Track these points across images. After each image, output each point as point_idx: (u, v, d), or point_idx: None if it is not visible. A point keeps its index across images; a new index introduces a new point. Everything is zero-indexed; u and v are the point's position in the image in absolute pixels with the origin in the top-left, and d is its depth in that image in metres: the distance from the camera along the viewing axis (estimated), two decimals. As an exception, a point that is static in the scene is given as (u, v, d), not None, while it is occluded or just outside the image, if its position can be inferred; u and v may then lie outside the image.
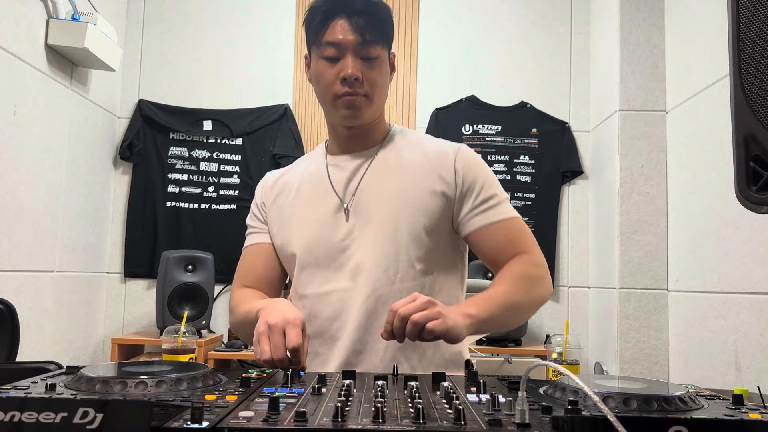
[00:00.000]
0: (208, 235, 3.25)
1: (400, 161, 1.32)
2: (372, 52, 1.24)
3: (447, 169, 1.30)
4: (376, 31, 1.24)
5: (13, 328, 1.69)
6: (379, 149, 1.35)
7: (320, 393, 0.82)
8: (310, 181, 1.36)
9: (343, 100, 1.25)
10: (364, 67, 1.24)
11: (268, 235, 1.38)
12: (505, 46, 3.38)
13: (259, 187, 1.44)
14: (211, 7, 3.40)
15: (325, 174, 1.34)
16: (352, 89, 1.24)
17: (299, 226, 1.31)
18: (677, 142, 2.71)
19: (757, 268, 2.05)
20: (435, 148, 1.34)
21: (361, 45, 1.23)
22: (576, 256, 3.28)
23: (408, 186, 1.29)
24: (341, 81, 1.23)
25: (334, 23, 1.23)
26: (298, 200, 1.34)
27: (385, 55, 1.28)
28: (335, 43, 1.23)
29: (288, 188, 1.38)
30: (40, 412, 0.61)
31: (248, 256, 1.40)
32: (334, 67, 1.24)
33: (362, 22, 1.22)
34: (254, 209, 1.42)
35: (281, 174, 1.43)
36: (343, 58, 1.23)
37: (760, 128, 0.74)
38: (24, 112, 2.46)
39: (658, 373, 2.70)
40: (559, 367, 0.69)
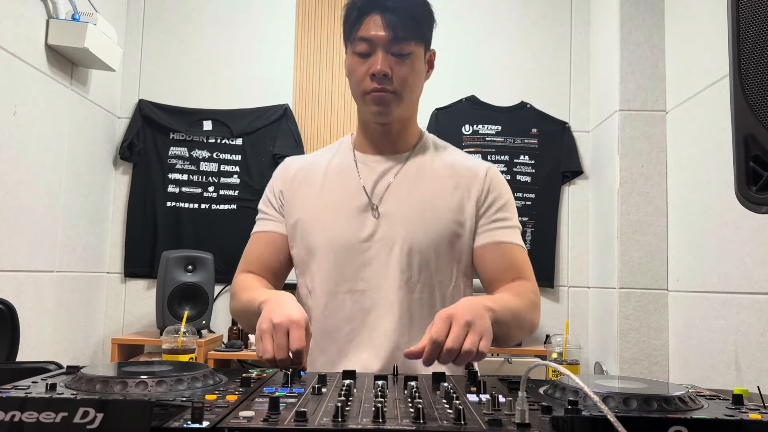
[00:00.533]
0: (208, 235, 3.25)
1: (432, 170, 1.32)
2: (404, 48, 1.23)
3: (477, 184, 1.31)
4: (409, 28, 1.23)
5: (13, 328, 1.69)
6: (410, 155, 1.34)
7: (320, 393, 0.82)
8: (336, 174, 1.34)
9: (372, 96, 1.25)
10: (394, 63, 1.23)
11: (280, 225, 1.36)
12: (505, 46, 3.38)
13: (278, 173, 1.40)
14: (211, 7, 3.40)
15: (354, 170, 1.33)
16: (380, 85, 1.23)
17: (324, 220, 1.29)
18: (677, 142, 2.71)
19: (757, 268, 2.05)
20: (467, 162, 1.35)
21: (392, 41, 1.22)
22: (576, 256, 3.28)
23: (436, 198, 1.29)
24: (370, 77, 1.23)
25: (368, 19, 1.23)
26: (324, 193, 1.32)
27: (419, 51, 1.27)
28: (367, 38, 1.23)
29: (312, 178, 1.35)
30: (40, 412, 0.61)
31: (257, 243, 1.37)
32: (364, 63, 1.24)
33: (395, 18, 1.22)
34: (269, 195, 1.39)
35: (304, 163, 1.40)
36: (373, 53, 1.23)
37: (760, 128, 0.75)
38: (24, 112, 2.46)
39: (658, 373, 2.70)
40: (559, 367, 0.69)
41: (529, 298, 1.23)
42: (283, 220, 1.36)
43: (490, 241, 1.28)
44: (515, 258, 1.28)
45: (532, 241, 3.27)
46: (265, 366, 1.02)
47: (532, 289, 1.26)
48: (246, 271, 1.36)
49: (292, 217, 1.34)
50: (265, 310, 1.08)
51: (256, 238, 1.38)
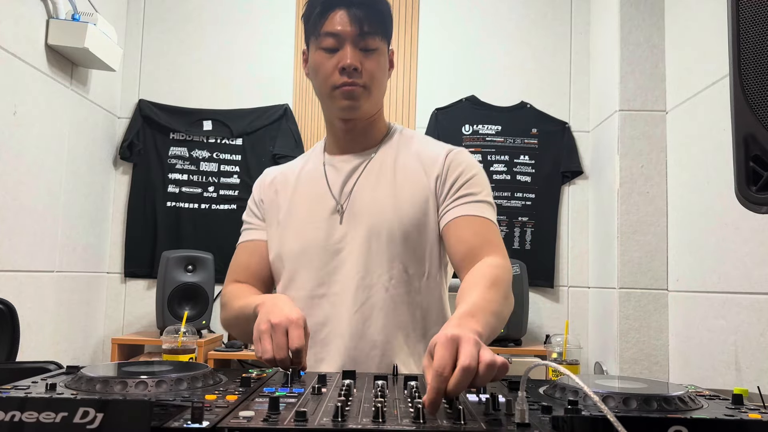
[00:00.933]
0: (208, 235, 3.25)
1: (395, 164, 1.31)
2: (371, 43, 1.24)
3: (437, 168, 1.28)
4: (375, 23, 1.24)
5: (13, 328, 1.69)
6: (377, 150, 1.34)
7: (320, 393, 0.82)
8: (307, 180, 1.35)
9: (342, 90, 1.24)
10: (362, 57, 1.23)
11: (263, 232, 1.37)
12: (505, 46, 3.38)
13: (257, 184, 1.43)
14: (211, 7, 3.40)
15: (322, 174, 1.34)
16: (350, 79, 1.23)
17: (294, 227, 1.31)
18: (677, 142, 2.71)
19: (757, 268, 2.05)
20: (430, 150, 1.32)
21: (360, 36, 1.22)
22: (576, 256, 3.28)
23: (400, 190, 1.27)
24: (340, 71, 1.23)
25: (333, 14, 1.23)
26: (294, 199, 1.34)
27: (384, 47, 1.27)
28: (334, 33, 1.23)
29: (286, 186, 1.37)
30: (40, 412, 0.61)
31: (242, 252, 1.38)
32: (332, 58, 1.24)
33: (361, 13, 1.22)
34: (251, 205, 1.41)
35: (279, 171, 1.42)
36: (341, 48, 1.23)
37: (760, 128, 0.75)
38: (24, 112, 2.46)
39: (658, 373, 2.70)
40: (559, 367, 0.69)
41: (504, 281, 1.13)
42: (264, 228, 1.38)
43: (453, 217, 1.23)
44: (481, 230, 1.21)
45: (532, 241, 3.27)
46: (265, 366, 1.02)
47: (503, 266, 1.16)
48: (234, 281, 1.36)
49: (270, 227, 1.36)
50: (262, 311, 1.08)
51: (241, 249, 1.39)
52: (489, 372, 0.75)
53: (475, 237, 1.20)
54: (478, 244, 1.19)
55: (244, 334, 1.23)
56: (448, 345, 0.78)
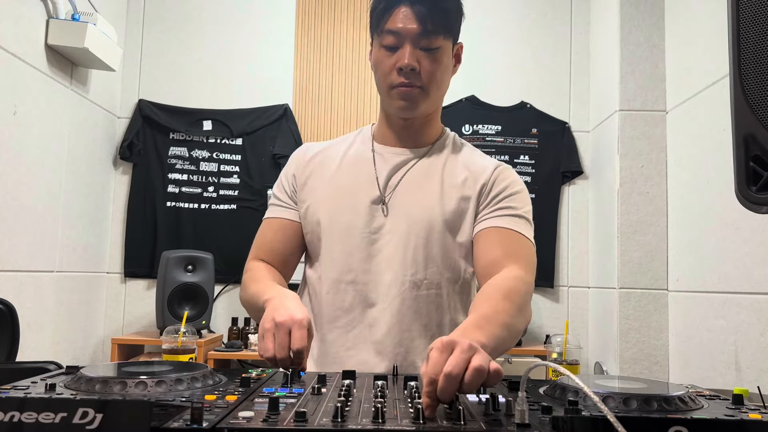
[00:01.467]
0: (208, 235, 3.25)
1: (445, 168, 1.30)
2: (433, 42, 1.21)
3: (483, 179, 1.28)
4: (439, 21, 1.20)
5: (13, 328, 1.69)
6: (429, 151, 1.32)
7: (320, 393, 0.82)
8: (352, 162, 1.33)
9: (398, 90, 1.23)
10: (422, 57, 1.21)
11: (291, 212, 1.35)
12: (505, 46, 3.38)
13: (295, 157, 1.39)
14: (211, 7, 3.40)
15: (371, 160, 1.32)
16: (408, 80, 1.21)
17: (334, 208, 1.29)
18: (677, 142, 2.71)
19: (757, 268, 2.05)
20: (479, 161, 1.33)
21: (421, 35, 1.20)
22: (576, 256, 3.28)
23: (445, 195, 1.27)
24: (398, 71, 1.21)
25: (396, 11, 1.20)
26: (337, 179, 1.31)
27: (447, 46, 1.24)
28: (395, 31, 1.20)
29: (327, 164, 1.34)
30: (39, 412, 0.61)
31: (269, 229, 1.35)
32: (392, 57, 1.22)
33: (424, 11, 1.19)
34: (284, 180, 1.38)
35: (321, 149, 1.38)
36: (401, 47, 1.21)
37: (760, 128, 0.74)
38: (24, 112, 2.46)
39: (658, 373, 2.70)
40: (559, 367, 0.69)
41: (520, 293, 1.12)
42: (295, 207, 1.35)
43: (486, 226, 1.23)
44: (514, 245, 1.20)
45: (532, 241, 3.27)
46: (266, 365, 1.02)
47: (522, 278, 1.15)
48: (257, 258, 1.34)
49: (304, 203, 1.33)
50: (269, 308, 1.07)
51: (267, 224, 1.37)
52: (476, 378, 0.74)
53: (501, 248, 1.19)
54: (502, 254, 1.18)
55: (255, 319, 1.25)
56: (443, 350, 0.78)
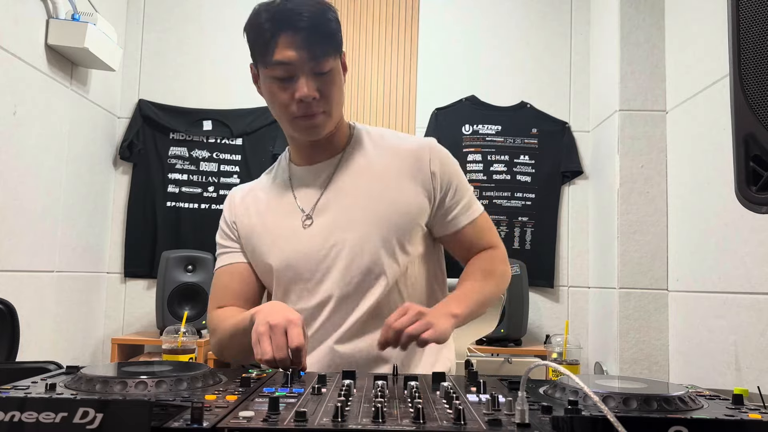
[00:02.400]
0: (208, 235, 3.23)
1: (369, 163, 1.29)
2: (324, 66, 1.17)
3: (423, 171, 1.27)
4: (326, 44, 1.17)
5: (13, 328, 1.69)
6: (343, 154, 1.31)
7: (320, 393, 0.82)
8: (275, 195, 1.33)
9: (302, 121, 1.21)
10: (319, 83, 1.18)
11: (240, 254, 1.34)
12: (505, 46, 3.38)
13: (227, 205, 1.39)
14: (211, 7, 3.40)
15: (289, 187, 1.32)
16: (310, 110, 1.19)
17: (272, 244, 1.28)
18: (677, 142, 2.71)
19: (757, 268, 2.05)
20: (405, 145, 1.31)
21: (312, 61, 1.15)
22: (576, 256, 3.28)
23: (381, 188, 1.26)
24: (297, 102, 1.18)
25: (281, 41, 1.15)
26: (266, 217, 1.31)
27: (337, 64, 1.21)
28: (285, 62, 1.15)
29: (256, 204, 1.34)
30: (40, 412, 0.61)
31: (222, 277, 1.34)
32: (287, 89, 1.18)
33: (309, 36, 1.14)
34: (224, 227, 1.37)
35: (248, 190, 1.38)
36: (295, 78, 1.16)
37: (760, 128, 0.75)
38: (24, 112, 2.46)
39: (658, 373, 2.70)
40: (559, 367, 0.69)
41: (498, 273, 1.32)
42: (241, 250, 1.35)
43: (454, 230, 1.32)
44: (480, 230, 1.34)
45: (532, 241, 3.27)
46: (266, 368, 1.02)
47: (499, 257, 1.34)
48: (218, 307, 1.32)
49: (247, 246, 1.33)
50: (260, 316, 1.07)
51: (220, 274, 1.35)
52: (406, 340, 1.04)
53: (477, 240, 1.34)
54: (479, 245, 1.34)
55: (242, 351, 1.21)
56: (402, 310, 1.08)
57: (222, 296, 1.33)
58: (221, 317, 1.28)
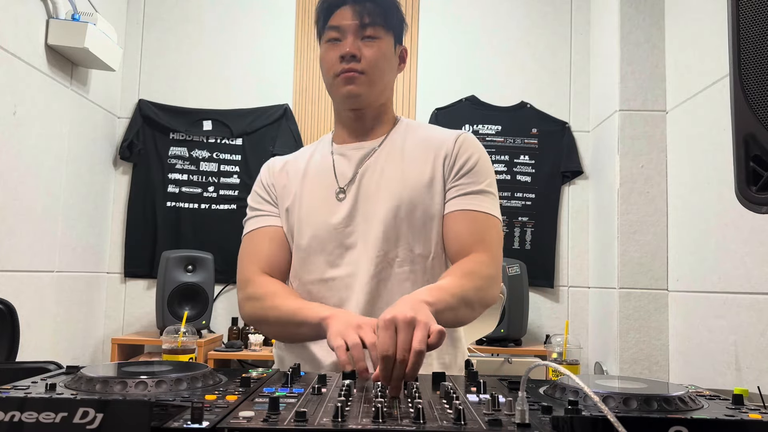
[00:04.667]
0: (208, 235, 3.25)
1: (404, 149, 1.34)
2: (371, 32, 1.29)
3: (444, 150, 1.31)
4: (376, 14, 1.30)
5: (13, 328, 1.69)
6: (385, 139, 1.36)
7: (320, 393, 0.82)
8: (314, 168, 1.37)
9: (342, 77, 1.29)
10: (363, 46, 1.29)
11: (277, 218, 1.37)
12: (505, 46, 3.38)
13: (266, 170, 1.42)
14: (211, 7, 3.40)
15: (330, 162, 1.36)
16: (349, 65, 1.28)
17: (304, 214, 1.33)
18: (677, 142, 2.71)
19: (757, 268, 2.05)
20: (439, 133, 1.36)
21: (361, 27, 1.29)
22: (576, 256, 3.28)
23: (408, 172, 1.30)
24: (340, 59, 1.28)
25: (339, 11, 1.30)
26: (303, 188, 1.35)
27: (388, 38, 1.32)
28: (336, 26, 1.30)
29: (294, 175, 1.38)
30: (40, 412, 0.61)
31: (261, 240, 1.35)
32: (335, 48, 1.30)
33: (364, 7, 1.29)
34: (260, 191, 1.40)
35: (287, 161, 1.43)
36: (344, 39, 1.29)
37: (760, 128, 0.74)
38: (24, 112, 2.46)
39: (658, 373, 2.70)
40: (559, 367, 0.69)
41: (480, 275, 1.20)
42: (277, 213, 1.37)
43: (453, 209, 1.27)
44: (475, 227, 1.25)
45: (532, 241, 3.27)
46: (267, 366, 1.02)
47: (486, 263, 1.22)
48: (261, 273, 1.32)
49: (283, 209, 1.37)
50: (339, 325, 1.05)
51: (258, 236, 1.36)
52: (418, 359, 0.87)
53: (469, 234, 1.25)
54: (470, 242, 1.24)
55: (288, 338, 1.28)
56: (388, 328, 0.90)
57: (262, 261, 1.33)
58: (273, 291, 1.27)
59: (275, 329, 1.29)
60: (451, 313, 1.10)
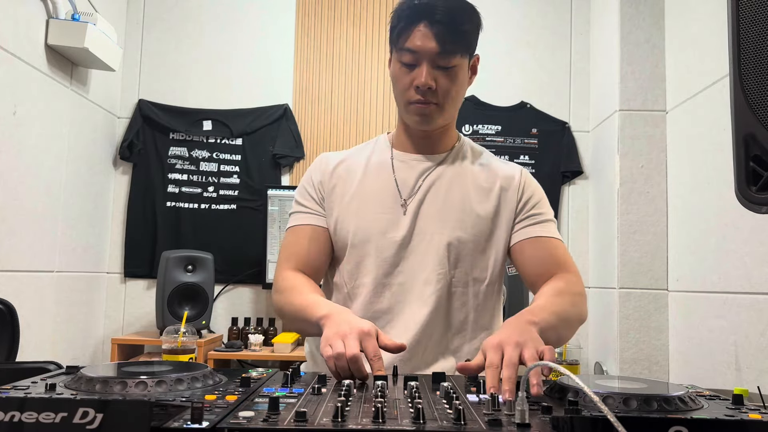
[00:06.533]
0: (208, 235, 3.25)
1: (468, 173, 1.36)
2: (450, 61, 1.24)
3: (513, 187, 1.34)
4: (456, 41, 1.23)
5: (13, 328, 1.69)
6: (447, 156, 1.38)
7: (320, 393, 0.82)
8: (374, 171, 1.37)
9: (415, 107, 1.28)
10: (439, 75, 1.25)
11: (321, 218, 1.36)
12: (505, 46, 3.38)
13: (317, 166, 1.41)
14: (211, 7, 3.40)
15: (390, 167, 1.36)
16: (424, 98, 1.26)
17: (359, 216, 1.32)
18: (677, 142, 2.71)
19: (757, 268, 2.05)
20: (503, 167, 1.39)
21: (439, 55, 1.23)
22: (576, 256, 3.28)
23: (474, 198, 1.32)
24: (415, 89, 1.25)
25: (416, 30, 1.23)
26: (361, 189, 1.34)
27: (464, 63, 1.28)
28: (413, 50, 1.24)
29: (350, 174, 1.37)
30: (40, 412, 0.61)
31: (301, 237, 1.35)
32: (410, 74, 1.26)
33: (443, 31, 1.22)
34: (308, 188, 1.39)
35: (341, 159, 1.41)
36: (419, 65, 1.24)
37: (760, 128, 0.74)
38: (24, 112, 2.46)
39: (658, 373, 2.70)
40: (559, 367, 0.69)
41: (571, 292, 1.24)
42: (322, 213, 1.37)
43: (526, 237, 1.31)
44: (555, 252, 1.30)
45: (532, 241, 3.27)
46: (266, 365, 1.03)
47: (573, 281, 1.27)
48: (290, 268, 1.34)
49: (333, 212, 1.35)
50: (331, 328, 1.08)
51: (300, 233, 1.36)
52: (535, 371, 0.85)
53: (549, 257, 1.29)
54: (551, 264, 1.29)
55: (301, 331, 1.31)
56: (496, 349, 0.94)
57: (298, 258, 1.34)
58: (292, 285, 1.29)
59: (291, 323, 1.32)
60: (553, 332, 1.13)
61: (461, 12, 1.25)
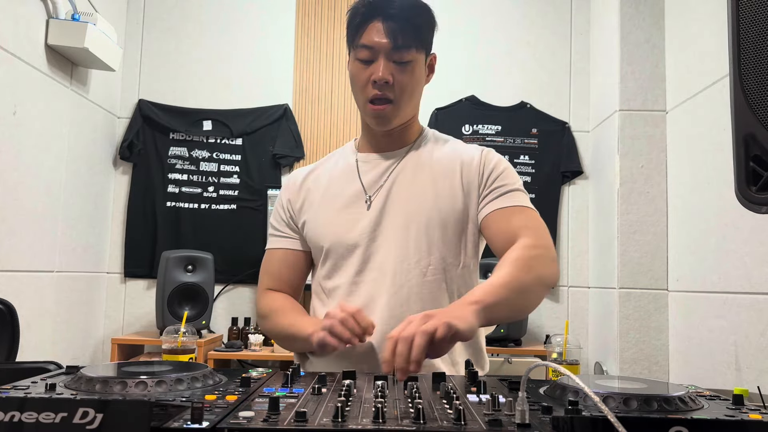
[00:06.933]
0: (208, 235, 3.25)
1: (431, 160, 1.36)
2: (404, 56, 1.27)
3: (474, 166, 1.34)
4: (411, 35, 1.26)
5: (13, 328, 1.69)
6: (410, 149, 1.39)
7: (320, 393, 0.82)
8: (339, 176, 1.39)
9: (372, 108, 1.30)
10: (395, 70, 1.27)
11: (292, 241, 1.41)
12: (505, 46, 3.38)
13: (286, 186, 1.46)
14: (211, 7, 3.40)
15: (355, 169, 1.38)
16: (381, 92, 1.27)
17: (329, 220, 1.35)
18: (677, 142, 2.71)
19: (757, 268, 2.05)
20: (465, 149, 1.39)
21: (393, 49, 1.25)
22: (576, 256, 3.28)
23: (439, 183, 1.33)
24: (372, 84, 1.27)
25: (371, 26, 1.26)
26: (327, 195, 1.38)
27: (420, 58, 1.30)
28: (368, 46, 1.27)
29: (318, 184, 1.41)
30: (40, 412, 0.61)
31: (273, 261, 1.42)
32: (366, 70, 1.28)
33: (397, 26, 1.25)
34: (279, 210, 1.44)
35: (309, 171, 1.45)
36: (375, 61, 1.27)
37: (760, 128, 0.74)
38: (24, 112, 2.45)
39: (658, 373, 2.70)
40: (559, 367, 0.69)
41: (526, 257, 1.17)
42: (293, 235, 1.41)
43: (490, 211, 1.29)
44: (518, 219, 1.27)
45: (532, 241, 3.27)
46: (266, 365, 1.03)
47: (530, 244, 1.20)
48: (270, 288, 1.41)
49: (304, 222, 1.39)
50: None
51: (270, 255, 1.43)
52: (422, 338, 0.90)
53: (509, 227, 1.27)
54: (512, 233, 1.25)
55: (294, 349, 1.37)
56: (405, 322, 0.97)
57: (271, 280, 1.41)
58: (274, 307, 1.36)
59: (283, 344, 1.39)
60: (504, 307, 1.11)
61: (414, 8, 1.29)
